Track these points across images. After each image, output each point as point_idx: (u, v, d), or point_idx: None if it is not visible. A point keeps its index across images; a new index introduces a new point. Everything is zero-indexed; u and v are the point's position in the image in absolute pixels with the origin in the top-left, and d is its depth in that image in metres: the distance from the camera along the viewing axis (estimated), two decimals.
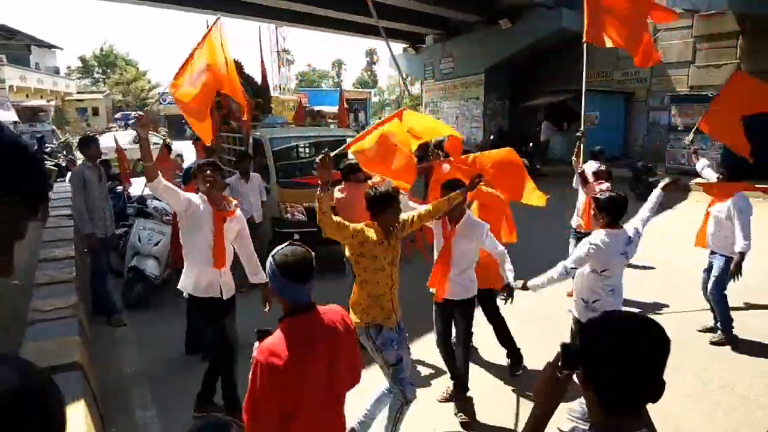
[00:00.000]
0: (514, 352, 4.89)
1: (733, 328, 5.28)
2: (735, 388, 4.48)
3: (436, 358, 4.52)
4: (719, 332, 5.35)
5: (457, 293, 4.13)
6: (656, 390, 1.31)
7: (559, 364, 1.42)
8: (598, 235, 3.78)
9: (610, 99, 17.59)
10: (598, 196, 3.95)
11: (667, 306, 6.28)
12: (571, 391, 1.48)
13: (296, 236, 7.49)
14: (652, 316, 1.41)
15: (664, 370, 1.32)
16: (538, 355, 4.82)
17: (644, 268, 7.46)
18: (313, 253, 2.30)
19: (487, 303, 4.85)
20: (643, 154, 16.18)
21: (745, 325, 5.46)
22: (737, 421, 4.04)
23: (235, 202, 4.25)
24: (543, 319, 5.74)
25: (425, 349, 5.03)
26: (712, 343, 5.31)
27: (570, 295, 4.29)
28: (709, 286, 5.35)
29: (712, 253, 5.44)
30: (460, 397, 4.22)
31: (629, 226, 3.90)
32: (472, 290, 4.19)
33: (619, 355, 1.30)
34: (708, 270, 5.50)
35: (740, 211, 5.06)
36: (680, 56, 16.10)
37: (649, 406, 1.35)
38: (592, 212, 4.01)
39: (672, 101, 15.26)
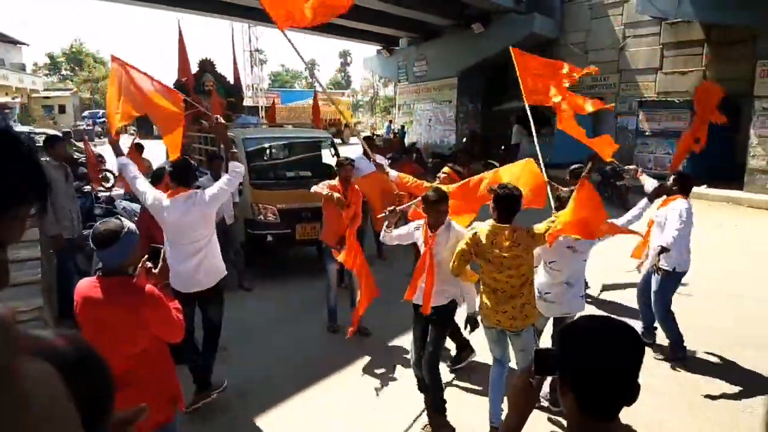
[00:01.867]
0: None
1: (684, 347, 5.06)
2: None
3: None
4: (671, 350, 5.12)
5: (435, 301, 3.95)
6: (632, 393, 1.33)
7: (532, 369, 1.44)
8: None
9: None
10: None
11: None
12: None
13: (269, 238, 7.45)
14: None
15: (639, 373, 1.34)
16: None
17: None
18: (127, 227, 2.61)
19: None
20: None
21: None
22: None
23: None
24: None
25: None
26: (657, 359, 5.07)
27: None
28: (653, 304, 5.11)
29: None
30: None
31: None
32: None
33: (596, 359, 1.32)
34: (647, 280, 5.27)
35: (678, 214, 4.78)
36: (648, 63, 16.47)
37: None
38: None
39: (640, 107, 15.59)
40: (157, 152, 11.68)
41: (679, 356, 5.02)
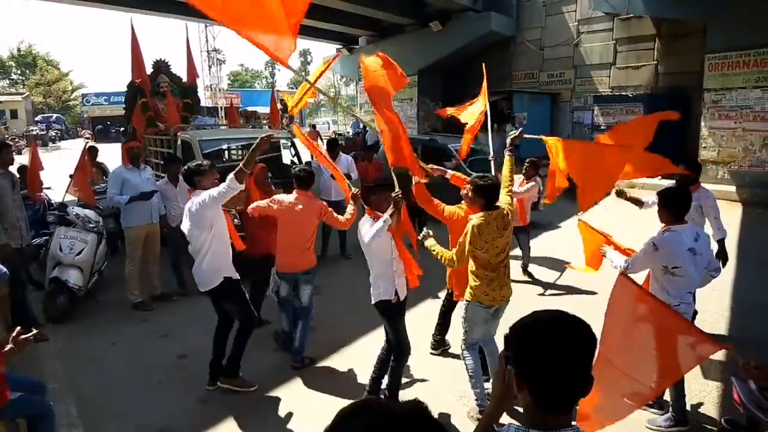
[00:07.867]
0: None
1: None
2: None
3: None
4: None
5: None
6: (585, 385, 1.35)
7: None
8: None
9: (537, 100, 18.20)
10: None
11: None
12: None
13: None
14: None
15: (591, 365, 1.36)
16: None
17: None
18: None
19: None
20: None
21: None
22: None
23: None
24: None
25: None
26: None
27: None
28: None
29: None
30: None
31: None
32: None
33: (548, 354, 1.32)
34: None
35: (711, 205, 5.19)
36: (602, 58, 16.85)
37: None
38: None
39: (594, 101, 15.93)
40: (112, 157, 11.41)
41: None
